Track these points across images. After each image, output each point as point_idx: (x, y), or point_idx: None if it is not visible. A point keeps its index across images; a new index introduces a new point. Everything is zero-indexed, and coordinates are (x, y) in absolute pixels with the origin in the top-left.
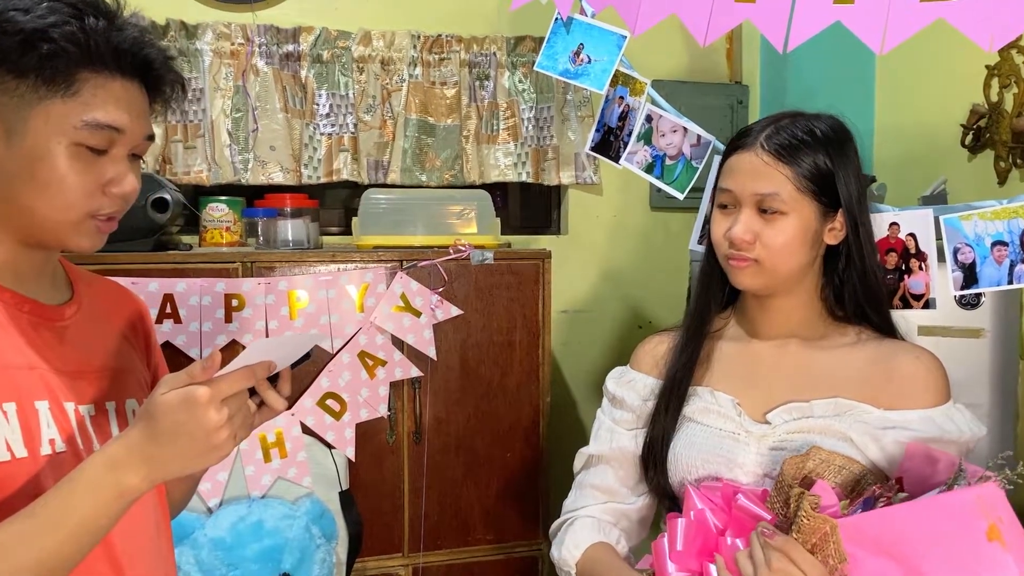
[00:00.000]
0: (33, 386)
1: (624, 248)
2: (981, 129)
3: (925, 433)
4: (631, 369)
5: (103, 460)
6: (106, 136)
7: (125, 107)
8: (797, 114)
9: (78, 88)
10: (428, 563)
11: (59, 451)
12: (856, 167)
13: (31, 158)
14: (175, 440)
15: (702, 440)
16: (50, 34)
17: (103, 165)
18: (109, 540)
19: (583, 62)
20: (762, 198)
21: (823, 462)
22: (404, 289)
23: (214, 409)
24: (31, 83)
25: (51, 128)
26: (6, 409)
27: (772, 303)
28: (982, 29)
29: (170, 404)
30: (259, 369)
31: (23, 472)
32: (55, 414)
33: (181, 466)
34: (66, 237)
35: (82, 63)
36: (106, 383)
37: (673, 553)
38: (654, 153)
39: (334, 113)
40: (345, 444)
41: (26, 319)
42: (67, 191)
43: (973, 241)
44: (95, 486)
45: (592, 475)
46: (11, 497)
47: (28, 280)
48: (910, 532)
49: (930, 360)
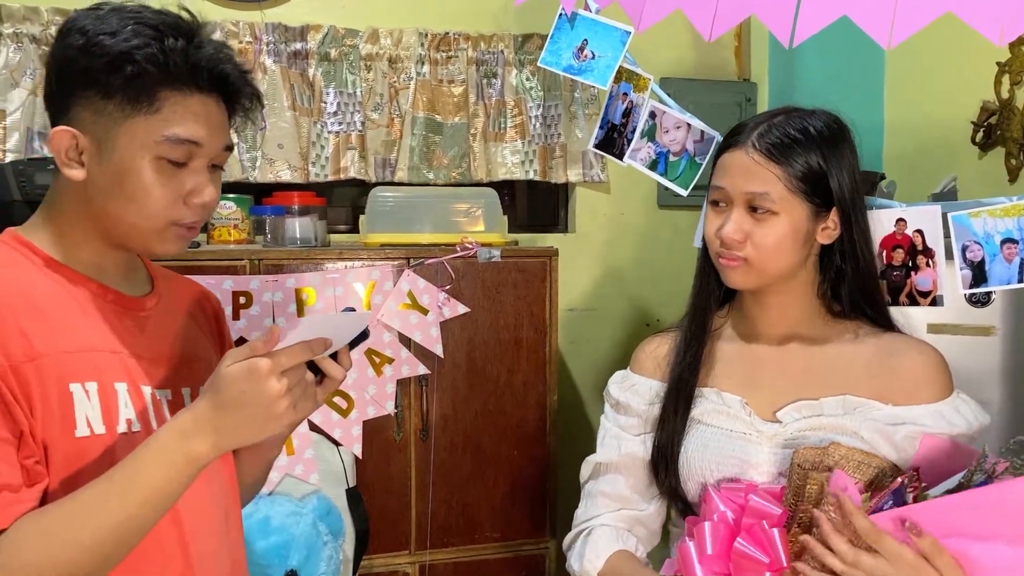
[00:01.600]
0: (113, 368)
1: (631, 246)
2: (992, 126)
3: (935, 428)
4: (633, 373)
5: (173, 429)
6: (185, 149)
7: (203, 121)
8: (792, 110)
9: (159, 105)
10: (435, 561)
11: (134, 430)
12: (851, 164)
13: (119, 172)
14: (239, 409)
15: (714, 442)
16: (134, 56)
17: (183, 177)
18: (177, 513)
19: (587, 58)
20: (752, 197)
21: (843, 457)
22: (411, 287)
23: (275, 379)
24: (117, 102)
25: (136, 144)
26: (88, 388)
27: (769, 300)
28: (992, 23)
29: (234, 375)
30: (316, 345)
31: (100, 447)
32: (132, 396)
33: (245, 434)
34: (151, 243)
35: (163, 82)
36: (182, 370)
37: (702, 557)
38: (658, 150)
39: (342, 111)
40: (352, 441)
41: (110, 308)
42: (152, 202)
43: (982, 239)
44: (166, 454)
45: (602, 483)
46: (89, 470)
47: (112, 275)
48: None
49: (933, 354)
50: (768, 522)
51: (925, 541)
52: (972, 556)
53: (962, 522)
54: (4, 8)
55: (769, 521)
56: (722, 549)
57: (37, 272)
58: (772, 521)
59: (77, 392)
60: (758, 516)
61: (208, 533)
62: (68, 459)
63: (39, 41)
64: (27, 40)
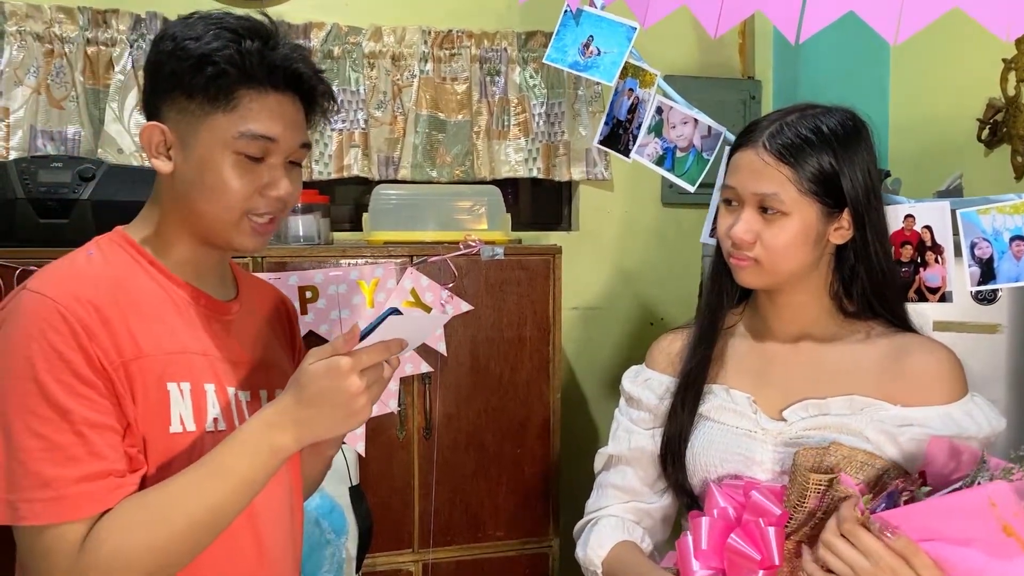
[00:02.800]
0: (204, 370)
1: (635, 244)
2: (998, 123)
3: (944, 430)
4: (646, 368)
5: (260, 422)
6: (261, 145)
7: (278, 118)
8: (808, 108)
9: (236, 103)
10: (438, 559)
11: (220, 429)
12: (866, 163)
13: (200, 166)
14: (321, 404)
15: (719, 439)
16: (213, 58)
17: (260, 171)
18: (253, 509)
19: (592, 54)
20: (762, 198)
21: (845, 458)
22: (414, 284)
23: (355, 377)
24: (199, 101)
25: (215, 140)
26: (183, 388)
27: (782, 299)
28: (999, 18)
29: (316, 372)
30: (393, 345)
31: (189, 443)
32: (219, 396)
33: (326, 428)
34: (229, 235)
35: (240, 81)
36: (260, 373)
37: (698, 552)
38: (665, 145)
39: (345, 109)
40: (355, 439)
41: (202, 311)
42: (229, 194)
43: (991, 235)
44: (253, 444)
45: (613, 475)
46: (178, 463)
47: (205, 277)
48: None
49: (945, 354)
50: (766, 520)
51: (899, 541)
52: (950, 559)
53: (939, 526)
54: (7, 6)
55: (767, 519)
56: (718, 544)
57: (142, 273)
58: (770, 520)
59: (173, 391)
60: (758, 513)
61: (277, 527)
62: (161, 452)
63: (42, 39)
64: (30, 38)
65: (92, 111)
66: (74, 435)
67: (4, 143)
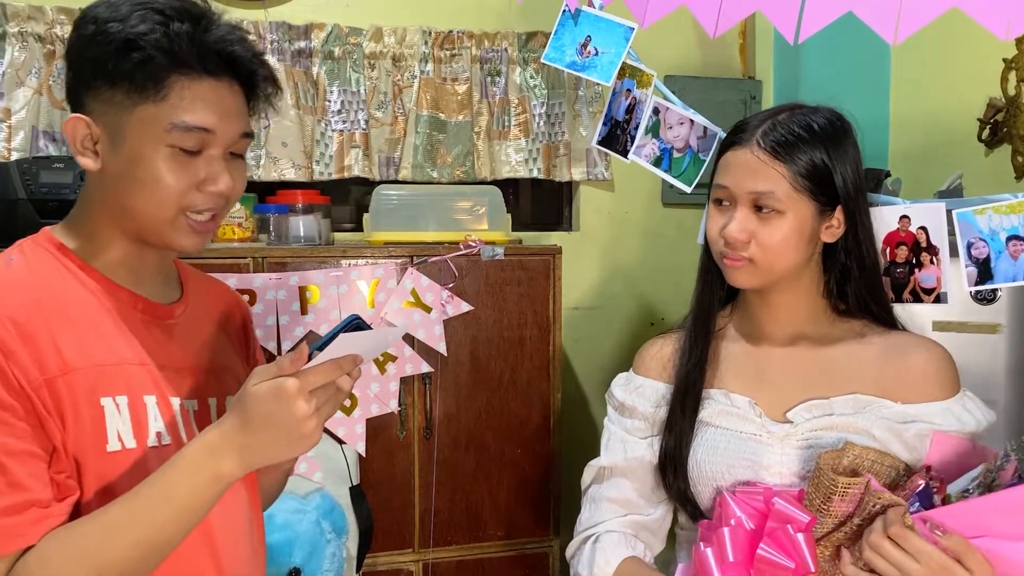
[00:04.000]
0: (143, 381)
1: (636, 244)
2: (998, 123)
3: (946, 425)
4: (637, 375)
5: (201, 446)
6: (197, 137)
7: (213, 107)
8: (795, 107)
9: (166, 92)
10: (438, 559)
11: (164, 443)
12: (855, 161)
13: (131, 161)
14: (266, 429)
15: (724, 444)
16: (139, 43)
17: (197, 165)
18: (209, 528)
19: (590, 54)
20: (757, 196)
21: (857, 457)
22: (415, 285)
23: (303, 400)
24: (125, 90)
25: (145, 132)
26: (119, 402)
27: (774, 299)
28: (998, 17)
29: (261, 395)
30: (345, 362)
31: (131, 461)
32: (161, 408)
33: (272, 453)
34: (164, 234)
35: (169, 67)
36: (208, 379)
37: (724, 564)
38: (662, 146)
39: (345, 109)
40: (356, 439)
41: (139, 317)
42: (163, 190)
43: (987, 236)
44: (194, 470)
45: (607, 488)
46: (120, 484)
47: (143, 278)
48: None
49: (941, 352)
50: (794, 527)
51: (952, 539)
52: (1004, 555)
53: (992, 524)
54: (9, 7)
55: (795, 526)
56: (743, 556)
57: (70, 278)
58: (798, 526)
59: (108, 406)
60: (783, 521)
61: (236, 544)
62: (100, 473)
63: (44, 40)
64: (32, 39)
65: None
66: None
67: (6, 144)
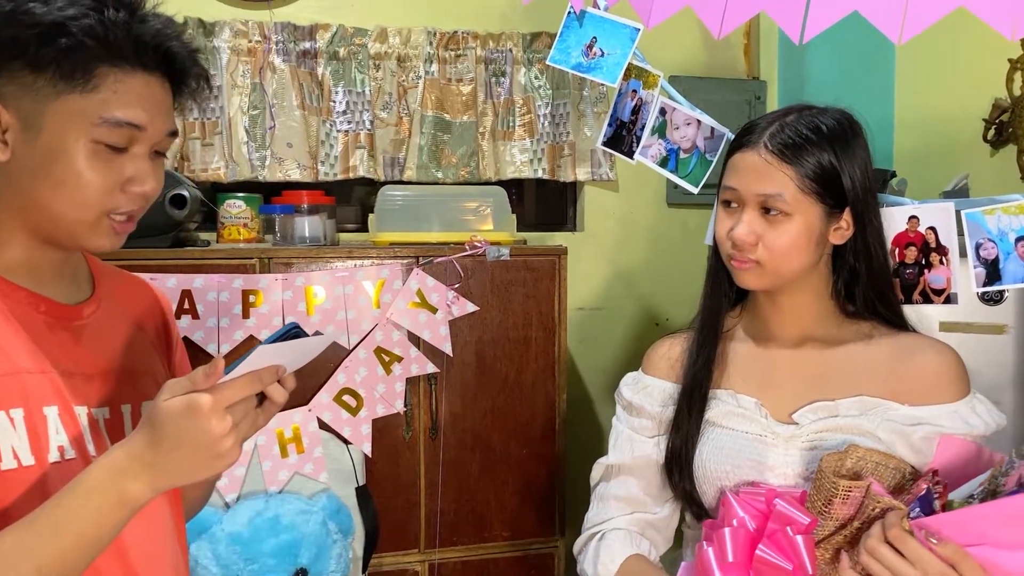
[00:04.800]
0: (42, 391)
1: (640, 245)
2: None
3: (953, 428)
4: (645, 374)
5: (105, 467)
6: (126, 134)
7: (146, 103)
8: (804, 108)
9: (97, 84)
10: (444, 559)
11: (68, 458)
12: (864, 163)
13: (48, 154)
14: (178, 448)
15: (729, 445)
16: (69, 27)
17: (123, 163)
18: (123, 548)
19: (596, 55)
20: (765, 199)
21: (860, 459)
22: (420, 285)
23: (216, 418)
24: (49, 77)
25: (69, 125)
26: (13, 416)
27: (782, 301)
28: (1004, 16)
29: (172, 411)
30: (265, 375)
31: (30, 480)
32: (64, 420)
33: (185, 474)
34: (82, 237)
35: (101, 57)
36: (122, 385)
37: (723, 564)
38: (668, 147)
39: (351, 110)
40: (362, 440)
41: (41, 319)
42: (84, 189)
43: (996, 236)
44: (97, 493)
45: (614, 486)
46: (18, 505)
47: (45, 278)
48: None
49: (950, 354)
50: (794, 529)
51: (948, 547)
52: (1001, 564)
53: (989, 532)
54: None
55: (795, 528)
56: (743, 556)
57: None
58: (798, 528)
59: (2, 421)
60: (784, 522)
61: (155, 561)
62: None
63: None
64: None
65: None
66: None
67: None
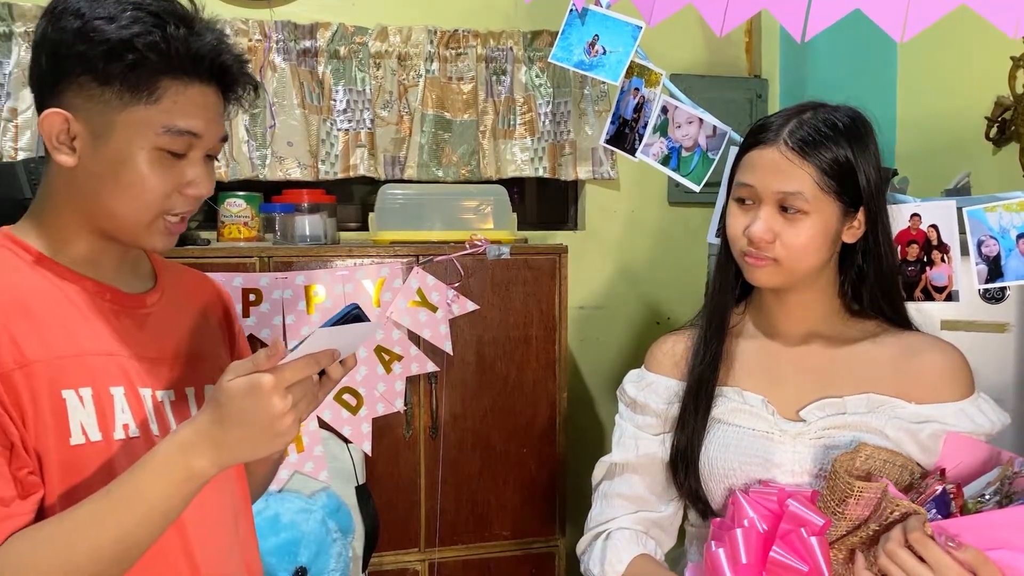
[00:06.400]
0: (109, 372)
1: (642, 243)
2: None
3: (960, 426)
4: (649, 371)
5: (174, 443)
6: (185, 141)
7: (202, 112)
8: (818, 106)
9: (160, 95)
10: (444, 558)
11: (132, 436)
12: (876, 160)
13: (115, 161)
14: (241, 426)
15: (736, 442)
16: (135, 44)
17: (182, 168)
18: (183, 527)
19: (598, 53)
20: (784, 196)
21: (869, 457)
22: (420, 284)
23: (278, 397)
24: (116, 90)
25: (134, 133)
26: (82, 394)
27: (791, 298)
28: (1006, 14)
29: (236, 391)
30: (322, 357)
31: (97, 455)
32: (130, 400)
33: (248, 451)
34: (139, 235)
35: (163, 71)
36: (186, 369)
37: (737, 566)
38: (670, 145)
39: (351, 109)
40: (362, 439)
41: (107, 307)
42: (147, 192)
43: (998, 233)
44: (166, 468)
45: (618, 484)
46: (86, 479)
47: (108, 270)
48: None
49: (955, 353)
50: (808, 530)
51: (968, 552)
52: (1021, 569)
53: (1010, 537)
54: (15, 7)
55: (809, 529)
56: (756, 557)
57: (27, 271)
58: (812, 529)
59: (70, 399)
60: (797, 523)
61: (215, 537)
62: (64, 468)
63: None
64: None
65: None
66: None
67: (13, 144)
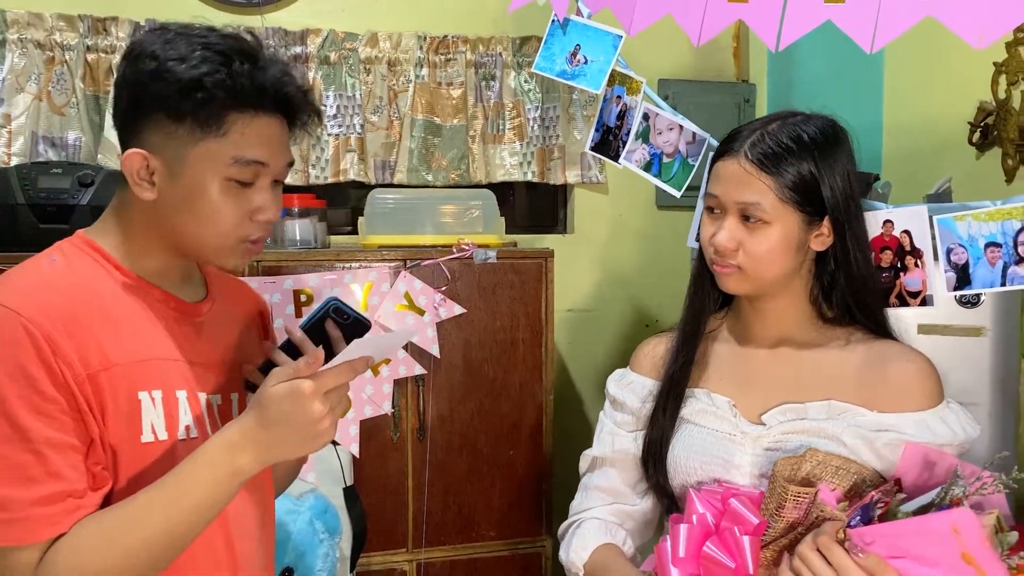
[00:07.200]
0: (175, 376)
1: (630, 247)
2: (989, 127)
3: (918, 437)
4: (631, 371)
5: (221, 442)
6: (253, 170)
7: (267, 142)
8: (789, 116)
9: (228, 129)
10: (431, 559)
11: (192, 436)
12: (846, 170)
13: (190, 193)
14: (282, 428)
15: (699, 442)
16: (204, 82)
17: (251, 196)
18: (226, 521)
19: (580, 63)
20: (745, 207)
21: (820, 463)
22: (408, 288)
23: (318, 401)
24: (188, 126)
25: (206, 166)
26: (154, 396)
27: (764, 305)
28: (971, 25)
29: (278, 395)
30: (359, 364)
31: (161, 452)
32: (191, 402)
33: (288, 451)
34: (222, 258)
35: (230, 105)
36: (232, 375)
37: (676, 558)
38: (652, 151)
39: (341, 114)
40: (349, 441)
41: (172, 315)
42: (221, 221)
43: (966, 242)
44: (213, 465)
45: (596, 477)
46: (150, 472)
47: (174, 281)
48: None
49: (922, 362)
50: (742, 529)
51: (869, 559)
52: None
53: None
54: (8, 14)
55: (744, 528)
56: (695, 551)
57: (109, 279)
58: (746, 528)
59: (144, 400)
60: (735, 521)
61: (249, 534)
62: (133, 463)
63: (43, 46)
64: (31, 45)
65: (92, 117)
66: (33, 455)
67: (6, 149)
